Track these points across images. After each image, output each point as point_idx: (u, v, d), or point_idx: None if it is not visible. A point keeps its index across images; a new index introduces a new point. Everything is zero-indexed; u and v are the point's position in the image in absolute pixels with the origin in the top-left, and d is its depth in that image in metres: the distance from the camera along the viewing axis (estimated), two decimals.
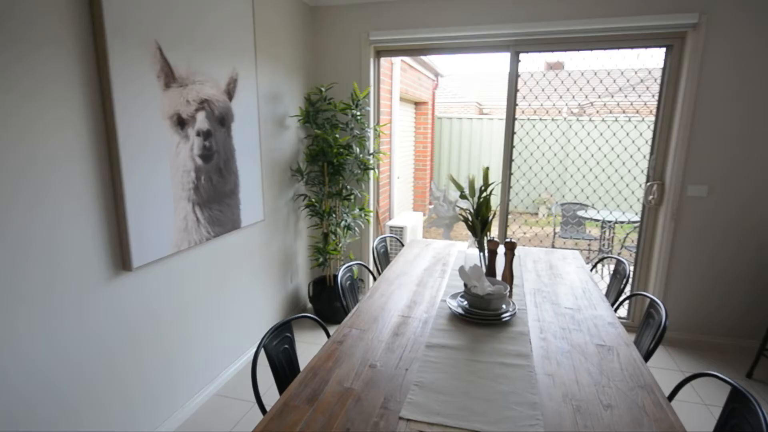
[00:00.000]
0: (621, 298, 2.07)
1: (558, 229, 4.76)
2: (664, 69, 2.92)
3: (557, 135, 5.90)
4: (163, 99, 1.94)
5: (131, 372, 1.88)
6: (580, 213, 4.56)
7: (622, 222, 3.99)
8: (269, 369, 1.44)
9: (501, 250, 1.88)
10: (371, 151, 3.32)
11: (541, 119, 7.63)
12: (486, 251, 1.90)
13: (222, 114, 2.37)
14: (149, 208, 1.89)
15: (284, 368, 1.45)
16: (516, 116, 3.25)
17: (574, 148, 5.74)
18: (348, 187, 3.22)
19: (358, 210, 3.21)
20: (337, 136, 3.06)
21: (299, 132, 3.25)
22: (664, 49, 2.89)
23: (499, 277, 1.94)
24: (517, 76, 3.18)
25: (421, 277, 2.15)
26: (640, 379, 1.31)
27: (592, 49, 2.99)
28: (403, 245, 2.80)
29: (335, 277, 3.32)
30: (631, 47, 2.93)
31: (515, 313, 1.69)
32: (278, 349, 1.44)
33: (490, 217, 1.91)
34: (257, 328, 2.86)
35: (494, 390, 1.24)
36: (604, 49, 2.96)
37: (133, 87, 1.77)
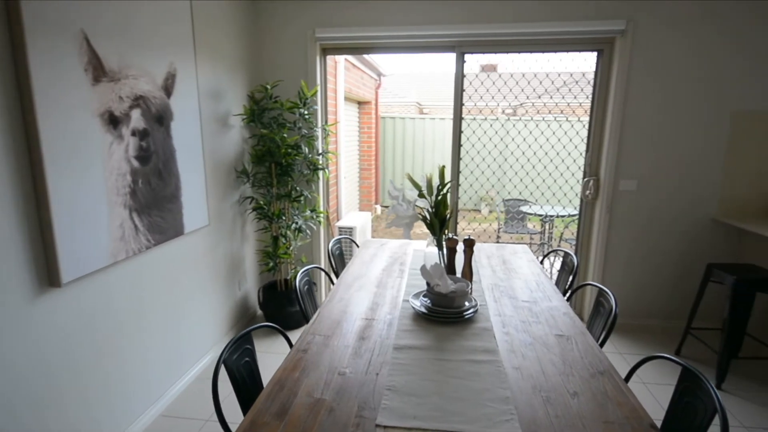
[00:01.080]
0: (572, 289, 2.17)
1: (502, 224, 4.95)
2: (596, 72, 3.11)
3: (498, 134, 6.13)
4: (93, 95, 1.75)
5: (67, 400, 1.68)
6: (523, 209, 4.77)
7: (561, 216, 4.23)
8: (224, 384, 1.35)
9: (460, 247, 1.90)
10: (321, 151, 3.24)
11: (476, 119, 7.92)
12: (445, 249, 1.91)
13: (160, 112, 2.19)
14: (80, 216, 1.70)
15: (246, 383, 1.35)
16: (462, 116, 3.32)
17: (518, 147, 6.00)
18: (297, 188, 3.12)
19: (309, 211, 3.12)
20: (285, 135, 2.95)
21: (243, 132, 3.10)
22: (596, 54, 3.09)
23: (458, 274, 1.95)
24: (463, 76, 3.25)
25: (380, 278, 2.12)
26: (600, 365, 1.37)
27: (532, 52, 3.13)
28: (357, 246, 2.76)
29: (287, 281, 3.21)
30: (567, 50, 3.09)
31: (477, 310, 1.71)
32: (239, 363, 1.35)
33: (448, 216, 1.92)
34: (205, 341, 2.69)
35: (466, 388, 1.24)
36: (543, 51, 3.11)
37: (56, 81, 1.58)
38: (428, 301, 1.73)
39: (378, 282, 2.07)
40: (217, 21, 2.69)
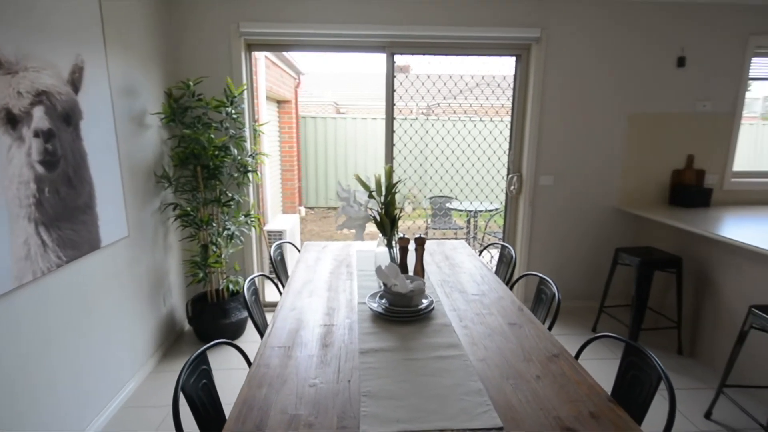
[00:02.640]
0: (514, 279, 2.31)
1: (430, 221, 5.12)
2: (515, 76, 3.34)
3: (418, 133, 6.32)
4: None
5: None
6: (448, 205, 4.98)
7: (489, 210, 4.49)
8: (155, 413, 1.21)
9: (411, 246, 1.92)
10: (251, 152, 3.07)
11: (396, 119, 8.10)
12: (397, 248, 1.92)
13: (67, 110, 1.92)
14: None
15: (206, 408, 1.24)
16: (394, 116, 3.37)
17: (437, 145, 6.22)
18: (227, 192, 2.92)
19: (243, 216, 2.94)
20: (212, 136, 2.75)
21: (162, 132, 2.83)
22: (514, 58, 3.31)
23: (410, 272, 1.97)
24: (393, 76, 3.30)
25: (329, 282, 2.07)
26: (553, 349, 1.47)
27: (458, 54, 3.26)
28: (299, 250, 2.66)
29: (218, 292, 3.00)
30: (490, 55, 3.28)
31: (434, 307, 1.74)
32: (197, 387, 1.22)
33: (398, 215, 1.93)
34: (128, 366, 2.41)
35: (440, 385, 1.26)
36: (468, 54, 3.26)
37: None
38: (386, 302, 1.72)
39: (328, 286, 2.02)
40: (130, 10, 2.43)
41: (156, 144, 2.74)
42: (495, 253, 3.84)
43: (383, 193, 1.92)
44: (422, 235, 1.92)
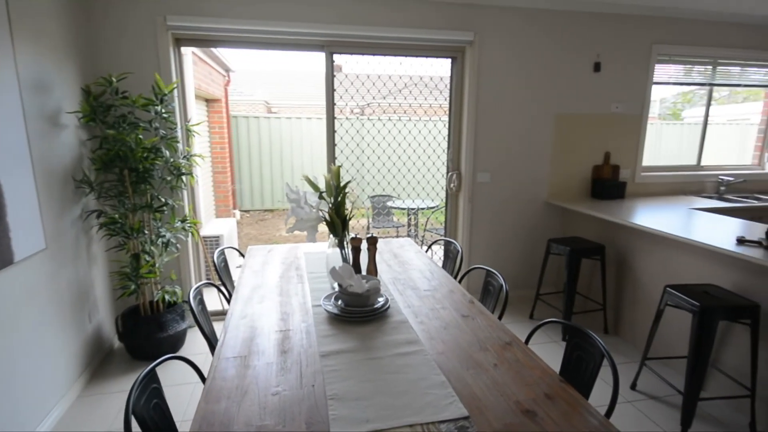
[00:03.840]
0: (463, 273, 2.39)
1: (371, 220, 5.15)
2: (451, 77, 3.46)
3: (348, 133, 6.31)
4: None
5: None
6: (389, 204, 5.04)
7: (429, 208, 4.61)
8: None
9: (364, 246, 1.92)
10: (184, 153, 2.89)
11: (348, 118, 8.07)
12: (349, 249, 1.91)
13: None
14: None
15: (160, 429, 1.15)
16: (335, 115, 3.34)
17: (368, 145, 6.26)
18: (159, 197, 2.73)
19: (179, 222, 2.76)
20: (141, 137, 2.55)
21: (80, 132, 2.58)
22: (450, 60, 3.43)
23: (363, 272, 1.97)
24: (333, 76, 3.27)
25: (280, 286, 2.01)
26: (505, 337, 1.55)
27: (396, 55, 3.31)
28: (242, 255, 2.55)
29: (153, 304, 2.80)
30: (427, 56, 3.37)
31: (390, 305, 1.76)
32: (148, 407, 1.13)
33: (349, 215, 1.92)
34: (54, 389, 2.17)
35: (404, 381, 1.27)
36: (406, 55, 3.32)
37: None
38: (342, 303, 1.71)
39: (279, 290, 1.96)
40: None
41: (74, 145, 2.49)
42: (436, 249, 3.95)
43: (333, 193, 1.90)
44: (373, 234, 1.92)
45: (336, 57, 3.24)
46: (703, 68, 3.82)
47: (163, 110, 2.68)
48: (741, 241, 2.28)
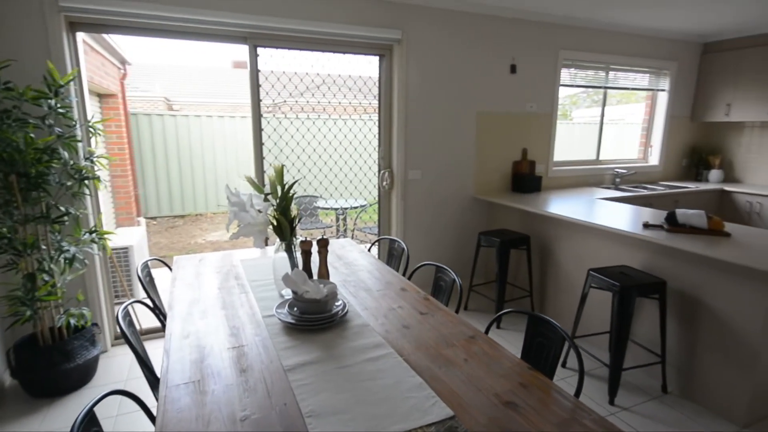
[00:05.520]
0: (412, 270, 2.37)
1: (299, 221, 4.96)
2: (380, 75, 3.45)
3: (264, 131, 6.06)
4: None
5: None
6: (315, 204, 4.90)
7: (357, 207, 4.56)
8: None
9: (314, 249, 1.82)
10: (87, 154, 2.52)
11: (235, 117, 7.63)
12: (298, 253, 1.80)
13: None
14: None
15: None
16: (261, 113, 3.16)
17: (286, 144, 6.03)
18: (58, 205, 2.34)
19: (87, 234, 2.39)
20: (33, 136, 2.17)
21: None
22: (378, 58, 3.42)
23: (314, 276, 1.87)
24: (257, 71, 3.08)
25: (221, 298, 1.83)
26: (468, 331, 1.57)
27: (323, 51, 3.21)
28: (170, 268, 2.28)
29: (55, 331, 2.41)
30: (355, 53, 3.32)
31: (348, 309, 1.69)
32: None
33: (298, 217, 1.82)
34: None
35: (381, 387, 1.22)
36: (333, 51, 3.24)
37: None
38: (297, 311, 1.60)
39: (222, 303, 1.78)
40: None
41: None
42: (366, 246, 3.91)
43: (278, 194, 1.77)
44: (324, 236, 1.83)
45: (246, 53, 3.03)
46: (594, 73, 4.25)
47: (59, 105, 2.30)
48: (646, 225, 2.57)
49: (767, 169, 4.45)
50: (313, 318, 1.55)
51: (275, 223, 1.75)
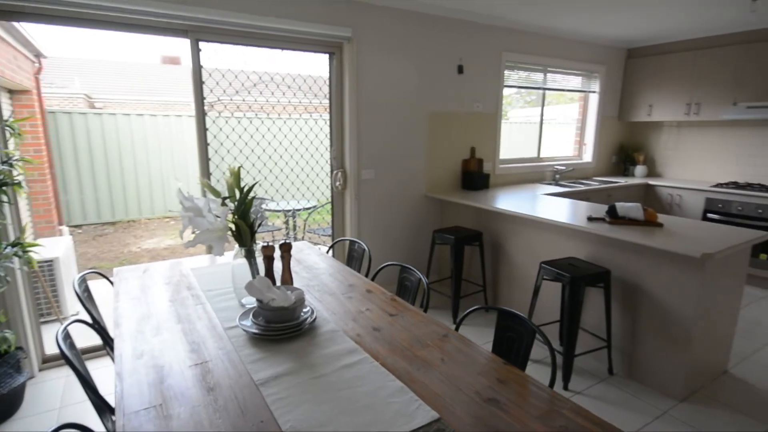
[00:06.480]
0: (375, 271, 2.33)
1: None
2: (330, 74, 3.38)
3: (212, 131, 5.77)
4: None
5: None
6: (263, 206, 4.72)
7: (307, 209, 4.44)
8: None
9: (277, 254, 1.74)
10: (4, 158, 2.23)
11: (170, 116, 7.20)
12: (260, 258, 1.71)
13: None
14: None
15: None
16: (206, 112, 2.98)
17: (220, 144, 5.76)
18: None
19: (9, 248, 2.11)
20: None
21: None
22: (328, 56, 3.35)
23: (278, 282, 1.79)
24: (200, 67, 2.90)
25: (175, 312, 1.69)
26: (439, 330, 1.57)
27: (270, 47, 3.09)
28: (111, 282, 2.07)
29: None
30: (303, 50, 3.22)
31: (316, 315, 1.63)
32: None
33: (258, 222, 1.72)
34: None
35: (362, 394, 1.18)
36: (281, 48, 3.12)
37: None
38: (263, 320, 1.51)
39: (177, 317, 1.65)
40: None
41: None
42: (323, 248, 3.83)
43: (237, 198, 1.67)
44: (287, 240, 1.75)
45: (178, 49, 2.86)
46: (530, 75, 4.47)
47: None
48: (590, 218, 2.74)
49: (683, 165, 4.93)
50: (281, 327, 1.47)
51: (233, 229, 1.65)
